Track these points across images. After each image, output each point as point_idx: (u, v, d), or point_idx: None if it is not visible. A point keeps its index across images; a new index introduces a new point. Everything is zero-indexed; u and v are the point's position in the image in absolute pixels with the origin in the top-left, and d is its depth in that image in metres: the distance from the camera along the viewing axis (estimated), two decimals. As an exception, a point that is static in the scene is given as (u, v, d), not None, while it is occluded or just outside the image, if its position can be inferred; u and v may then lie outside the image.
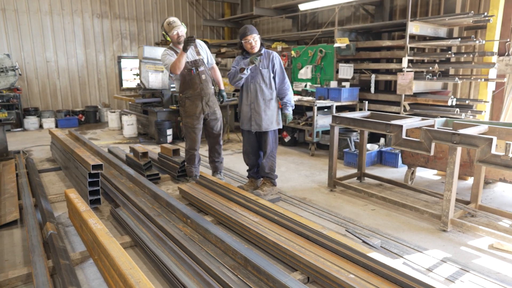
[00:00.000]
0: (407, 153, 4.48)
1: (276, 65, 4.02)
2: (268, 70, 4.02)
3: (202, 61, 4.36)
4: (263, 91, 4.03)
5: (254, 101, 4.06)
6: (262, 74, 4.00)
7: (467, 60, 6.19)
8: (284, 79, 4.07)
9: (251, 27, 3.91)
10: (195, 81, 4.32)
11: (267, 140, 4.12)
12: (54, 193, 4.30)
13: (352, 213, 3.76)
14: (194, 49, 4.34)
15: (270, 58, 4.03)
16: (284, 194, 4.32)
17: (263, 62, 4.00)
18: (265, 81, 4.02)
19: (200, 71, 4.32)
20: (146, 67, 7.12)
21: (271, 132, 4.12)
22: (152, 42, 10.65)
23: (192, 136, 4.46)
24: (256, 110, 4.05)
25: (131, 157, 4.96)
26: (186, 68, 4.28)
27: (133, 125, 7.80)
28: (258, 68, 3.99)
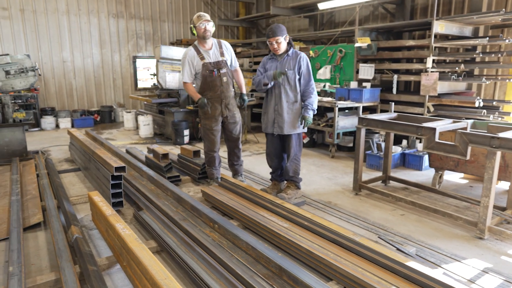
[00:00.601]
0: (435, 156, 4.34)
1: (303, 67, 3.88)
2: (294, 72, 3.89)
3: (225, 62, 4.27)
4: (288, 93, 3.92)
5: (278, 103, 3.95)
6: (288, 75, 3.90)
7: (493, 60, 6.00)
8: (309, 81, 3.93)
9: (276, 28, 3.78)
10: (216, 83, 4.23)
11: (290, 143, 4.01)
12: (75, 194, 4.26)
13: (381, 218, 3.64)
14: (219, 49, 4.25)
15: (297, 59, 3.88)
16: (308, 197, 4.22)
17: (289, 63, 3.89)
18: (290, 83, 3.90)
19: (222, 73, 4.24)
20: (163, 67, 7.07)
21: (295, 135, 4.01)
22: (167, 42, 10.63)
23: (211, 138, 4.38)
24: (279, 112, 3.95)
25: (151, 158, 4.90)
26: (207, 69, 4.20)
27: (149, 125, 7.77)
28: (283, 69, 3.89)
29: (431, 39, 5.47)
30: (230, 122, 4.39)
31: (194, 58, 4.24)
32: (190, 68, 4.28)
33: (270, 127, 4.04)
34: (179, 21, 10.87)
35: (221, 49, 4.27)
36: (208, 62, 4.21)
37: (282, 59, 3.91)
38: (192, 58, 4.25)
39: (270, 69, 4.01)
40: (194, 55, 4.24)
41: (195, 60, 4.25)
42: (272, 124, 4.01)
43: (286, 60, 3.90)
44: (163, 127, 7.70)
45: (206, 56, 4.23)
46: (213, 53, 4.24)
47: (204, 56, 4.22)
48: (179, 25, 10.87)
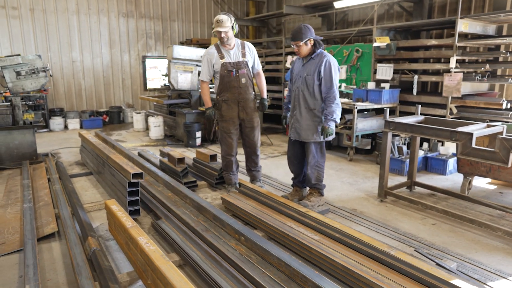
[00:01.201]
0: (464, 162, 4.14)
1: (323, 72, 3.60)
2: (313, 77, 3.63)
3: (246, 64, 4.09)
4: (306, 99, 3.70)
5: (297, 108, 3.77)
6: (307, 81, 3.68)
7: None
8: (330, 88, 3.61)
9: (295, 32, 3.57)
10: (233, 84, 4.06)
11: (309, 150, 3.79)
12: (89, 201, 4.11)
13: (412, 228, 3.45)
14: (240, 50, 4.07)
15: (318, 63, 3.63)
16: (332, 204, 4.03)
17: (310, 68, 3.66)
18: (308, 89, 3.68)
19: (240, 74, 4.06)
20: (175, 67, 6.91)
21: (315, 143, 3.78)
22: (177, 42, 10.47)
23: (228, 142, 4.22)
24: (297, 118, 3.76)
25: (166, 162, 4.74)
26: (226, 69, 4.03)
27: (159, 127, 7.61)
28: (305, 73, 3.69)
29: (455, 38, 5.26)
30: (247, 127, 4.22)
31: (213, 57, 4.08)
32: (208, 66, 4.13)
33: (290, 131, 3.87)
34: (189, 20, 10.70)
35: (243, 50, 4.09)
36: (228, 62, 4.04)
37: (306, 61, 3.71)
38: (211, 56, 4.09)
39: (294, 70, 3.83)
40: (214, 53, 4.08)
41: (214, 58, 4.09)
42: (291, 128, 3.83)
43: (309, 63, 3.70)
44: (174, 128, 7.54)
45: (226, 56, 4.06)
46: (234, 53, 4.07)
47: (224, 55, 4.06)
48: (189, 24, 10.70)
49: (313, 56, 3.67)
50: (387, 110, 3.93)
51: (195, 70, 7.13)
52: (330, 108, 3.60)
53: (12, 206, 3.85)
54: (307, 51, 3.64)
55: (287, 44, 8.58)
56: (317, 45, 3.62)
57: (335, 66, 3.61)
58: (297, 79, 3.76)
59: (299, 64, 3.77)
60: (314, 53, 3.65)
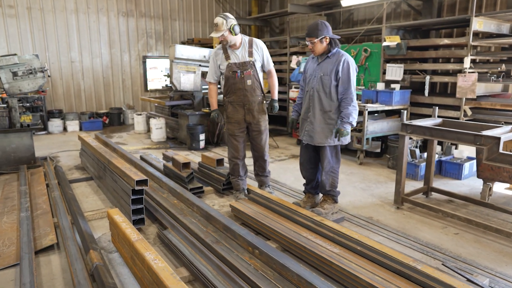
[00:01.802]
0: (485, 167, 3.92)
1: (341, 72, 3.40)
2: (330, 77, 3.43)
3: (253, 64, 3.88)
4: (322, 101, 3.49)
5: (311, 110, 3.56)
6: (323, 81, 3.46)
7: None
8: (347, 89, 3.41)
9: (311, 27, 3.37)
10: (238, 86, 3.87)
11: (324, 155, 3.60)
12: (90, 209, 3.90)
13: (433, 238, 3.25)
14: (247, 49, 3.87)
15: (335, 62, 3.41)
16: (346, 212, 3.83)
17: (326, 67, 3.46)
18: (325, 90, 3.46)
19: (245, 75, 3.85)
20: (178, 67, 6.70)
21: (330, 147, 3.59)
22: (178, 41, 10.26)
23: (234, 144, 4.03)
24: (310, 120, 3.55)
25: (170, 167, 4.53)
26: (231, 70, 3.84)
27: (161, 129, 7.40)
28: (320, 74, 3.49)
29: (469, 37, 5.06)
30: (254, 130, 4.02)
31: (219, 57, 3.90)
32: (214, 67, 3.97)
33: (302, 134, 3.67)
34: (191, 20, 10.49)
35: (250, 49, 3.89)
36: (233, 62, 3.85)
37: (322, 60, 3.50)
38: (217, 57, 3.92)
39: (307, 69, 3.62)
40: (220, 54, 3.90)
41: (220, 59, 3.91)
42: (303, 132, 3.63)
43: (325, 62, 3.49)
44: (177, 130, 7.33)
45: (232, 56, 3.86)
46: (241, 53, 3.87)
47: (230, 55, 3.86)
48: (190, 23, 10.50)
49: (329, 55, 3.45)
50: (404, 112, 3.75)
51: (198, 71, 6.92)
52: (346, 110, 3.40)
53: (8, 214, 3.63)
54: (322, 49, 3.43)
55: (291, 43, 8.39)
56: (333, 44, 3.41)
57: (353, 66, 3.41)
58: (311, 80, 3.55)
59: (313, 64, 3.57)
60: (330, 52, 3.44)
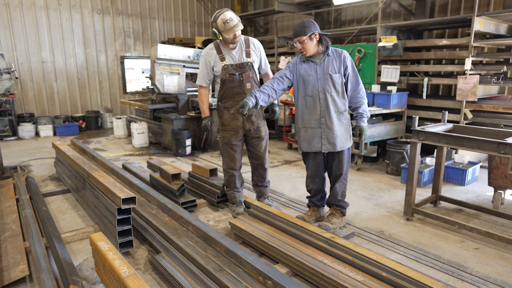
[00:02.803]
0: (497, 174, 3.72)
1: (349, 67, 3.19)
2: (340, 75, 3.17)
3: (251, 65, 3.53)
4: (335, 101, 3.20)
5: (325, 115, 3.22)
6: (333, 80, 3.16)
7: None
8: (358, 85, 3.24)
9: (297, 26, 3.09)
10: (237, 90, 3.50)
11: (342, 160, 3.31)
12: (68, 227, 3.44)
13: (454, 254, 2.98)
14: (244, 49, 3.50)
15: (341, 59, 3.18)
16: (354, 225, 3.52)
17: (332, 66, 3.17)
18: (337, 89, 3.18)
19: (244, 78, 3.49)
20: (161, 68, 6.25)
21: (347, 150, 3.33)
22: (158, 41, 9.76)
23: (230, 154, 3.65)
24: (328, 126, 3.22)
25: (158, 178, 4.10)
26: (228, 73, 3.47)
27: (144, 134, 6.92)
28: (327, 73, 3.18)
29: (471, 37, 4.88)
30: (254, 137, 3.65)
31: (213, 58, 3.50)
32: (207, 70, 3.56)
33: (315, 144, 3.30)
34: (171, 19, 10.01)
35: (248, 49, 3.52)
36: (230, 64, 3.47)
37: (322, 60, 3.18)
38: (210, 57, 3.51)
39: (305, 74, 3.25)
40: (213, 54, 3.50)
41: (213, 60, 3.50)
42: (319, 140, 3.27)
43: (328, 62, 3.18)
44: (160, 135, 6.88)
45: (228, 57, 3.48)
46: (237, 53, 3.50)
47: (225, 56, 3.48)
48: (170, 22, 10.01)
49: (329, 52, 3.18)
50: (416, 118, 3.47)
51: (182, 72, 6.50)
52: (363, 105, 3.28)
53: (-30, 239, 3.12)
54: (313, 47, 3.13)
55: (280, 43, 8.08)
56: (323, 41, 3.14)
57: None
58: (314, 82, 3.21)
59: (312, 67, 3.21)
60: (328, 49, 3.17)
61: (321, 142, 3.26)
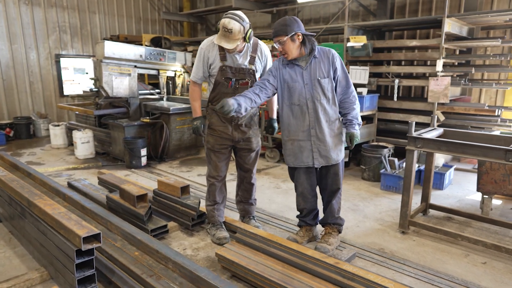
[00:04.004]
0: (487, 180, 3.61)
1: (339, 69, 2.81)
2: (330, 79, 2.78)
3: (252, 73, 3.03)
4: (326, 110, 2.81)
5: (314, 125, 2.83)
6: (322, 85, 2.77)
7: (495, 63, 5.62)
8: (349, 88, 2.86)
9: (281, 23, 2.68)
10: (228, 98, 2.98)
11: (338, 172, 2.96)
12: (2, 274, 2.67)
13: (464, 271, 2.75)
14: (249, 54, 3.00)
15: (329, 59, 2.79)
16: (349, 243, 3.18)
17: (321, 69, 2.78)
18: (326, 95, 2.79)
19: (240, 87, 3.00)
20: (109, 69, 5.47)
21: (342, 162, 2.97)
22: (99, 38, 8.77)
23: (213, 161, 3.15)
24: (319, 138, 2.83)
25: (118, 200, 3.42)
26: (224, 75, 2.96)
27: (89, 143, 6.05)
28: (315, 78, 2.77)
29: (442, 39, 4.81)
30: (243, 148, 3.17)
31: (212, 54, 2.97)
32: (203, 65, 3.02)
33: (305, 159, 2.90)
34: (113, 14, 9.07)
35: (254, 54, 3.02)
36: (229, 66, 2.96)
37: (308, 64, 2.78)
38: (210, 53, 2.98)
39: (290, 80, 2.83)
40: (214, 50, 2.96)
41: (212, 56, 2.98)
42: (310, 154, 2.88)
43: (315, 65, 2.78)
44: (108, 144, 6.06)
45: (229, 57, 2.97)
46: (241, 57, 2.99)
47: (226, 56, 2.96)
48: (113, 18, 9.07)
49: (315, 54, 2.78)
50: (412, 123, 3.20)
51: (133, 73, 5.77)
52: (354, 111, 2.89)
53: None
54: (295, 49, 2.73)
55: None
56: (307, 42, 2.73)
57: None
58: (301, 89, 2.79)
59: (296, 71, 2.80)
60: (313, 50, 2.77)
61: (312, 156, 2.86)
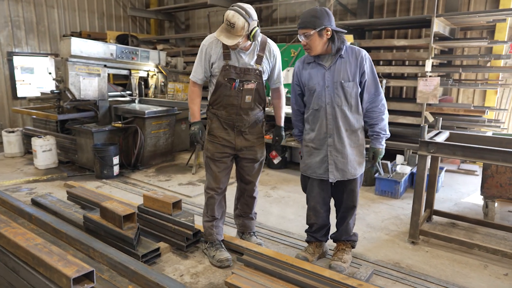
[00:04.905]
0: (492, 183, 3.51)
1: (367, 73, 2.49)
2: (355, 83, 2.46)
3: (259, 74, 2.67)
4: (347, 117, 2.50)
5: (332, 134, 2.53)
6: (345, 90, 2.46)
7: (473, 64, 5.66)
8: (378, 95, 2.53)
9: (311, 13, 2.38)
10: (231, 101, 2.66)
11: (355, 189, 2.66)
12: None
13: (489, 285, 2.59)
14: (256, 53, 2.65)
15: (358, 61, 2.47)
16: (360, 258, 2.93)
17: (346, 71, 2.46)
18: (349, 101, 2.49)
19: (245, 89, 2.64)
20: (76, 69, 4.89)
21: (361, 176, 2.69)
22: (57, 35, 8.00)
23: (213, 172, 2.79)
24: (337, 148, 2.54)
25: (99, 221, 2.94)
26: (227, 76, 2.60)
27: (51, 151, 5.41)
28: (338, 81, 2.47)
29: (431, 38, 4.72)
30: (246, 158, 2.82)
31: (215, 51, 2.61)
32: (204, 64, 2.65)
33: (318, 170, 2.61)
34: (74, 8, 8.32)
35: (261, 53, 2.67)
36: (233, 65, 2.60)
37: (332, 63, 2.48)
38: (212, 50, 2.61)
39: (309, 80, 2.55)
40: (217, 46, 2.60)
41: (215, 54, 2.61)
42: (325, 166, 2.58)
43: (340, 65, 2.47)
44: (74, 152, 5.46)
45: (234, 56, 2.61)
46: (247, 56, 2.63)
47: (231, 54, 2.60)
48: (74, 13, 8.31)
49: (342, 53, 2.47)
50: (424, 126, 3.00)
51: (103, 73, 5.22)
52: (382, 122, 2.55)
53: None
54: (322, 46, 2.42)
55: (213, 41, 7.21)
56: (336, 39, 2.42)
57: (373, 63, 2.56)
58: (320, 92, 2.51)
59: (319, 72, 2.52)
60: (340, 49, 2.45)
61: (327, 168, 2.57)
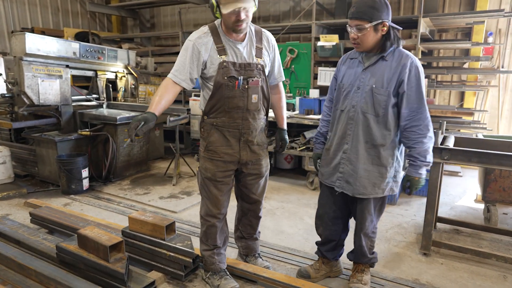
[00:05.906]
0: (495, 188, 3.42)
1: (407, 83, 2.08)
2: (387, 90, 2.11)
3: (261, 69, 2.30)
4: (370, 127, 2.18)
5: (349, 141, 2.24)
6: (375, 96, 2.14)
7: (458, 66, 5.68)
8: (421, 113, 2.10)
9: (366, 4, 2.02)
10: (236, 103, 2.24)
11: (365, 211, 2.33)
12: None
13: (517, 301, 2.45)
14: (255, 44, 2.28)
15: (397, 67, 2.10)
16: (375, 275, 2.70)
17: (383, 76, 2.12)
18: (376, 110, 2.15)
19: (250, 87, 2.25)
20: (33, 69, 4.28)
21: (376, 200, 2.33)
22: (5, 31, 7.16)
23: (213, 195, 2.38)
24: (349, 159, 2.25)
25: (77, 252, 2.45)
26: (227, 74, 2.19)
27: (5, 164, 4.71)
28: (370, 84, 2.15)
29: (418, 39, 4.63)
30: (250, 174, 2.44)
31: (207, 48, 2.18)
32: (192, 62, 2.19)
33: (328, 175, 2.36)
34: (23, 2, 7.50)
35: (260, 44, 2.30)
36: (232, 61, 2.20)
37: (371, 63, 2.17)
38: (203, 46, 2.17)
39: (345, 76, 2.29)
40: (209, 42, 2.18)
41: (207, 51, 2.19)
42: (335, 171, 2.32)
43: (380, 67, 2.14)
44: (33, 164, 4.82)
45: (230, 51, 2.21)
46: (245, 48, 2.25)
47: (227, 49, 2.20)
48: (23, 7, 7.49)
49: (385, 54, 2.13)
50: (437, 132, 2.83)
51: (65, 74, 4.62)
52: (422, 144, 2.11)
53: None
54: (372, 42, 2.09)
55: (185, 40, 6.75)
56: (392, 37, 2.11)
57: (423, 75, 2.14)
58: (350, 92, 2.24)
59: (356, 70, 2.24)
60: (388, 49, 2.12)
61: (335, 175, 2.32)
